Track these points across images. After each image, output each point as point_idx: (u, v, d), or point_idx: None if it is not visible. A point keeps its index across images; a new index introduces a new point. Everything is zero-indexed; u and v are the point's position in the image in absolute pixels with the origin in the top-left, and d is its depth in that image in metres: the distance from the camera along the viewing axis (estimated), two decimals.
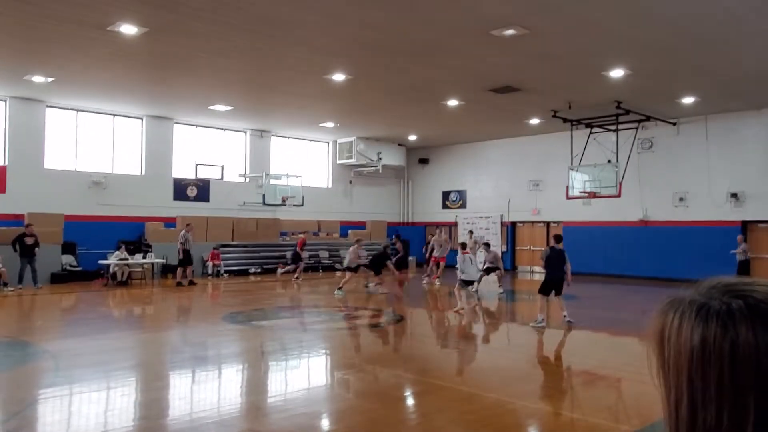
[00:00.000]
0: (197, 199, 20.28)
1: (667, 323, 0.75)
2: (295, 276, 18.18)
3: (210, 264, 19.07)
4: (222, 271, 19.18)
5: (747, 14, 9.56)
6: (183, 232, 16.50)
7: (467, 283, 12.13)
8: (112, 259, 16.44)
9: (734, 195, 17.33)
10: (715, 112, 17.36)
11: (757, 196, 17.00)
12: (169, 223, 19.09)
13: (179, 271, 16.46)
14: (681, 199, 18.46)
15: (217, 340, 9.31)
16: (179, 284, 16.19)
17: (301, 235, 19.43)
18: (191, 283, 16.36)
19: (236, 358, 8.35)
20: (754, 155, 17.06)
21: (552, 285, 10.68)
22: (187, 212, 19.34)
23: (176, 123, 19.87)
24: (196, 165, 20.58)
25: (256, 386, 6.94)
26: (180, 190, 19.97)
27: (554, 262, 10.70)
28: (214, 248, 19.29)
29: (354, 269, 15.34)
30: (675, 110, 17.08)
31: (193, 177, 20.42)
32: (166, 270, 17.95)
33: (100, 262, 16.70)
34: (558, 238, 11.09)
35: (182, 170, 20.22)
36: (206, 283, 17.15)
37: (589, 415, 5.74)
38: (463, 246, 12.70)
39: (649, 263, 18.66)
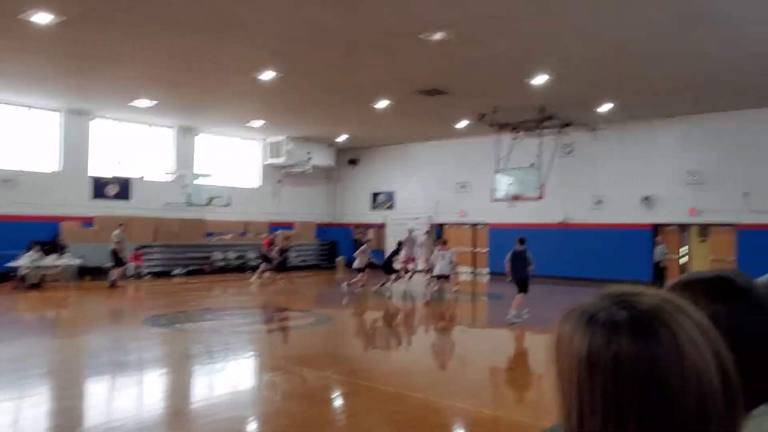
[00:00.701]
0: (117, 197, 19.45)
1: (562, 332, 0.76)
2: (256, 276, 17.84)
3: (132, 265, 18.33)
4: (144, 273, 18.48)
5: (661, 28, 10.14)
6: (118, 231, 16.14)
7: (440, 278, 13.70)
8: (24, 261, 15.49)
9: (646, 198, 18.35)
10: (630, 119, 18.31)
11: (667, 200, 18.07)
12: (87, 222, 18.22)
13: (113, 271, 16.09)
14: (598, 202, 19.35)
15: (138, 345, 8.96)
16: (114, 284, 15.91)
17: (280, 233, 18.73)
18: (113, 284, 15.90)
19: (158, 362, 8.06)
20: (664, 161, 18.11)
21: (517, 284, 11.59)
22: (107, 211, 18.53)
23: (96, 117, 18.99)
24: (117, 162, 19.73)
25: (178, 391, 6.73)
26: (99, 188, 19.09)
27: (516, 264, 11.62)
28: (136, 249, 18.55)
29: (363, 269, 15.68)
30: (593, 117, 17.88)
31: (113, 175, 19.56)
32: (83, 272, 17.11)
33: (10, 264, 15.69)
34: (522, 241, 11.93)
35: (102, 167, 19.33)
36: (127, 286, 16.48)
37: (512, 412, 5.92)
38: (444, 243, 14.41)
39: (570, 264, 19.44)
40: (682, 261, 18.55)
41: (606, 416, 0.70)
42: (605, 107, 16.57)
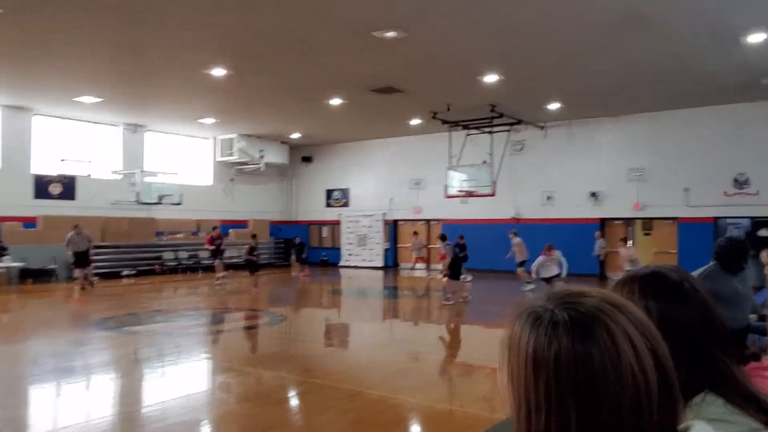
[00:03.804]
0: (62, 197, 18.78)
1: (512, 332, 0.80)
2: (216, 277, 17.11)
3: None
4: (92, 275, 17.91)
5: (604, 29, 10.45)
6: (71, 233, 15.34)
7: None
8: None
9: (593, 194, 18.90)
10: (577, 117, 18.80)
11: (612, 196, 18.67)
12: (29, 223, 17.56)
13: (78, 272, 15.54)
14: (548, 198, 19.80)
15: (85, 349, 8.70)
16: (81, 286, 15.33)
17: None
18: (83, 288, 15.35)
19: (107, 367, 7.85)
20: (610, 158, 18.69)
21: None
22: (50, 211, 17.89)
23: (37, 114, 18.28)
24: (61, 160, 19.06)
25: (129, 396, 6.57)
26: (42, 187, 18.40)
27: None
28: None
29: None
30: (543, 115, 18.29)
31: (57, 173, 18.89)
32: (25, 274, 16.50)
33: None
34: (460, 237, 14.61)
35: (44, 166, 18.64)
36: (72, 288, 15.95)
37: (467, 406, 6.01)
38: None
39: None
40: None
41: (549, 412, 0.74)
42: (554, 106, 16.97)
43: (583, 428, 0.73)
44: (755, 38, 10.84)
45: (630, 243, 14.67)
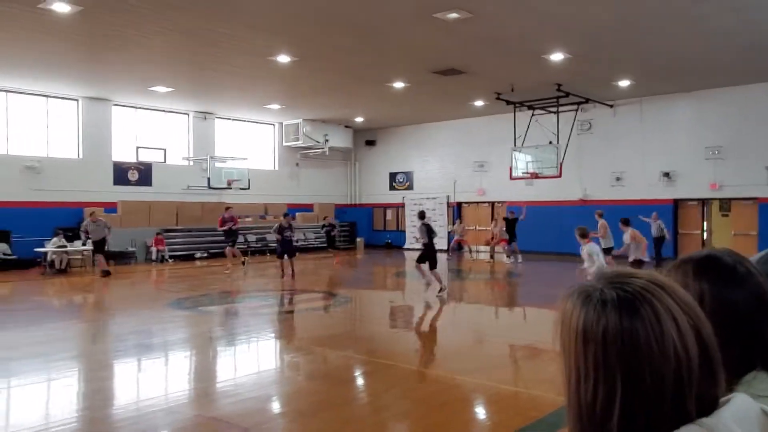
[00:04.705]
0: (139, 183, 19.73)
1: (564, 309, 0.87)
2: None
3: (154, 249, 18.66)
4: (167, 257, 18.81)
5: (672, 1, 9.96)
6: (86, 221, 15.42)
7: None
8: (50, 247, 15.87)
9: (666, 174, 18.14)
10: (649, 94, 18.05)
11: (687, 175, 17.85)
12: (110, 208, 18.55)
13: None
14: (618, 179, 19.17)
15: (163, 327, 9.18)
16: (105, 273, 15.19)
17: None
18: (105, 273, 15.14)
19: (183, 344, 8.27)
20: (684, 136, 17.85)
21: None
22: (129, 197, 18.84)
23: (115, 104, 19.21)
24: (137, 148, 19.99)
25: (204, 372, 6.92)
26: (120, 174, 19.38)
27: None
28: (158, 233, 18.86)
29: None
30: (612, 93, 17.65)
31: (134, 160, 19.84)
32: (107, 256, 17.43)
33: (37, 249, 16.09)
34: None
35: (122, 153, 19.61)
36: (150, 269, 16.79)
37: (531, 388, 5.98)
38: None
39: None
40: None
41: (597, 381, 0.81)
42: (624, 83, 16.35)
43: (627, 396, 0.79)
44: None
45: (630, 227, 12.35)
